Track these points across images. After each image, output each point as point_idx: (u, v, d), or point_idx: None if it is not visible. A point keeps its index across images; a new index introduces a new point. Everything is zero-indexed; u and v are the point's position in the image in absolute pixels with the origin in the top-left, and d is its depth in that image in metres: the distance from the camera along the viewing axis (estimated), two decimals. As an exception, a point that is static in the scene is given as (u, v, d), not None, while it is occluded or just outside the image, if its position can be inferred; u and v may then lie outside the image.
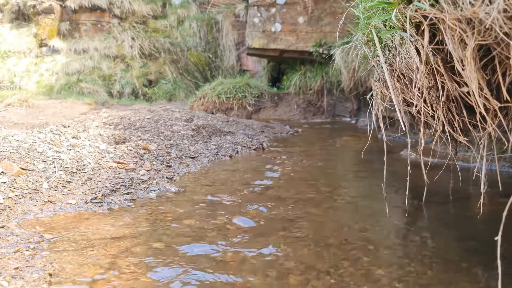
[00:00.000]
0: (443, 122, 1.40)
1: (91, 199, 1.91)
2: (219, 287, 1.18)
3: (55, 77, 9.20)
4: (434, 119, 1.45)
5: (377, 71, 1.70)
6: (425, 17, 1.17)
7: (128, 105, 6.70)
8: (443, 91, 1.32)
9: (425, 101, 1.41)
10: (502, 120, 1.25)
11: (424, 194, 1.84)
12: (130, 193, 2.03)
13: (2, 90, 8.68)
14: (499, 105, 1.16)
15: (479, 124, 1.31)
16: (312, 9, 5.56)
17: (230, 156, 3.05)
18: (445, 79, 1.27)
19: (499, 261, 0.96)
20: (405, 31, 1.26)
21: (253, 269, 1.28)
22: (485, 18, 0.98)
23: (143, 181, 2.20)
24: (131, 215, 1.76)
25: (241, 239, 1.51)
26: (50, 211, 1.76)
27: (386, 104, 1.71)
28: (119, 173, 2.29)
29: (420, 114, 1.47)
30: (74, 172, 2.17)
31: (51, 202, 1.85)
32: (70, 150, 2.40)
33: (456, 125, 1.42)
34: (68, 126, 3.03)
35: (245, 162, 2.90)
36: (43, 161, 2.16)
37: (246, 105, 5.84)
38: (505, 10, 0.95)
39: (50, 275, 1.20)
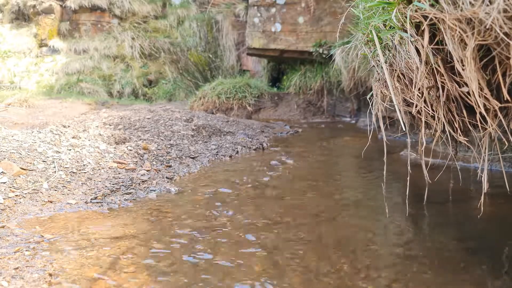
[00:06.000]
0: (443, 122, 1.40)
1: (91, 199, 1.91)
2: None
3: (55, 77, 9.20)
4: (434, 119, 1.45)
5: (377, 71, 1.70)
6: (425, 17, 1.17)
7: (128, 105, 6.70)
8: (443, 91, 1.32)
9: (425, 101, 1.41)
10: (502, 120, 1.25)
11: (426, 194, 1.85)
12: (130, 193, 2.03)
13: (2, 90, 8.68)
14: (499, 105, 1.16)
15: (479, 124, 1.31)
16: (314, 8, 5.56)
17: (230, 156, 3.05)
18: (445, 79, 1.27)
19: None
20: (405, 31, 1.26)
21: (253, 271, 1.28)
22: (485, 18, 0.98)
23: (143, 181, 2.20)
24: (131, 215, 1.76)
25: (240, 239, 1.51)
26: (50, 211, 1.76)
27: (386, 104, 1.71)
28: (119, 173, 2.29)
29: (420, 114, 1.47)
30: (74, 172, 2.17)
31: (51, 202, 1.85)
32: (70, 150, 2.40)
33: (456, 125, 1.42)
34: (68, 126, 3.02)
35: (245, 162, 2.90)
36: (43, 161, 2.16)
37: (246, 105, 5.84)
38: (505, 10, 0.95)
39: (50, 275, 1.20)
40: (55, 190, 1.95)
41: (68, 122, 3.64)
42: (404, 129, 1.48)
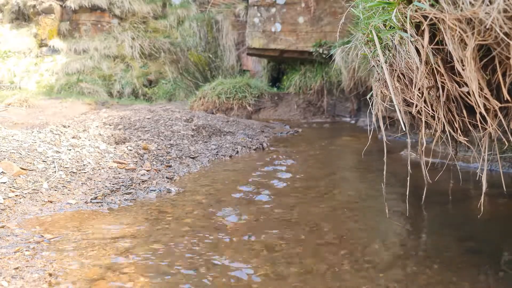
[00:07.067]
0: (443, 122, 1.40)
1: (91, 199, 1.91)
2: None
3: (55, 77, 9.20)
4: (434, 119, 1.45)
5: (377, 71, 1.70)
6: (425, 17, 1.17)
7: (128, 105, 6.70)
8: (443, 91, 1.32)
9: (425, 101, 1.41)
10: (502, 120, 1.25)
11: (424, 194, 1.85)
12: (130, 193, 2.03)
13: (2, 90, 8.68)
14: (499, 105, 1.16)
15: (479, 124, 1.31)
16: (314, 9, 5.56)
17: (230, 156, 3.05)
18: (445, 79, 1.27)
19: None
20: (405, 31, 1.26)
21: (253, 270, 1.28)
22: (485, 18, 0.98)
23: (143, 181, 2.20)
24: (131, 215, 1.76)
25: (240, 239, 1.51)
26: (50, 211, 1.76)
27: (386, 104, 1.71)
28: (119, 173, 2.29)
29: (420, 114, 1.47)
30: (74, 172, 2.17)
31: (51, 202, 1.85)
32: (70, 150, 2.40)
33: (456, 125, 1.42)
34: (68, 126, 3.02)
35: (245, 162, 2.89)
36: (43, 161, 2.16)
37: (246, 105, 5.84)
38: (505, 10, 0.95)
39: (50, 275, 1.20)
40: (55, 190, 1.95)
41: (68, 122, 3.64)
42: (404, 129, 1.48)
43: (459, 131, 1.43)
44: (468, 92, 1.24)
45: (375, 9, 1.51)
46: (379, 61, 1.61)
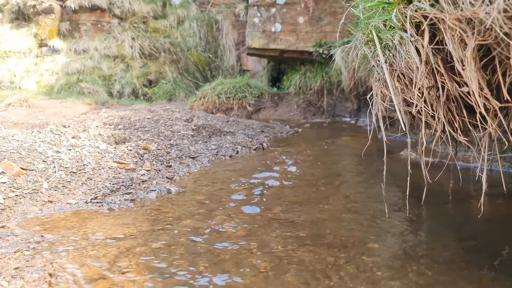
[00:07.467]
0: (443, 122, 1.40)
1: (91, 199, 1.91)
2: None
3: (55, 77, 9.20)
4: (434, 119, 1.45)
5: (377, 71, 1.70)
6: (425, 17, 1.17)
7: (128, 105, 6.70)
8: (443, 91, 1.32)
9: (425, 101, 1.41)
10: (502, 120, 1.25)
11: (424, 194, 1.85)
12: (130, 193, 2.03)
13: (2, 90, 8.68)
14: (499, 105, 1.16)
15: (479, 124, 1.31)
16: (313, 9, 5.56)
17: (230, 156, 3.05)
18: (445, 79, 1.27)
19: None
20: (405, 31, 1.26)
21: (253, 271, 1.28)
22: (485, 18, 0.98)
23: (143, 181, 2.20)
24: (131, 215, 1.76)
25: (240, 239, 1.51)
26: (50, 211, 1.76)
27: (386, 104, 1.70)
28: (119, 173, 2.29)
29: (420, 114, 1.47)
30: (74, 172, 2.17)
31: (51, 202, 1.85)
32: (70, 150, 2.40)
33: (456, 125, 1.42)
34: (68, 126, 3.02)
35: (245, 162, 2.89)
36: (43, 161, 2.16)
37: (246, 105, 5.84)
38: (505, 10, 0.95)
39: (50, 275, 1.20)
40: (55, 190, 1.95)
41: (68, 122, 3.64)
42: (404, 129, 1.48)
43: (459, 131, 1.43)
44: (468, 92, 1.24)
45: (375, 9, 1.51)
46: (379, 61, 1.61)
